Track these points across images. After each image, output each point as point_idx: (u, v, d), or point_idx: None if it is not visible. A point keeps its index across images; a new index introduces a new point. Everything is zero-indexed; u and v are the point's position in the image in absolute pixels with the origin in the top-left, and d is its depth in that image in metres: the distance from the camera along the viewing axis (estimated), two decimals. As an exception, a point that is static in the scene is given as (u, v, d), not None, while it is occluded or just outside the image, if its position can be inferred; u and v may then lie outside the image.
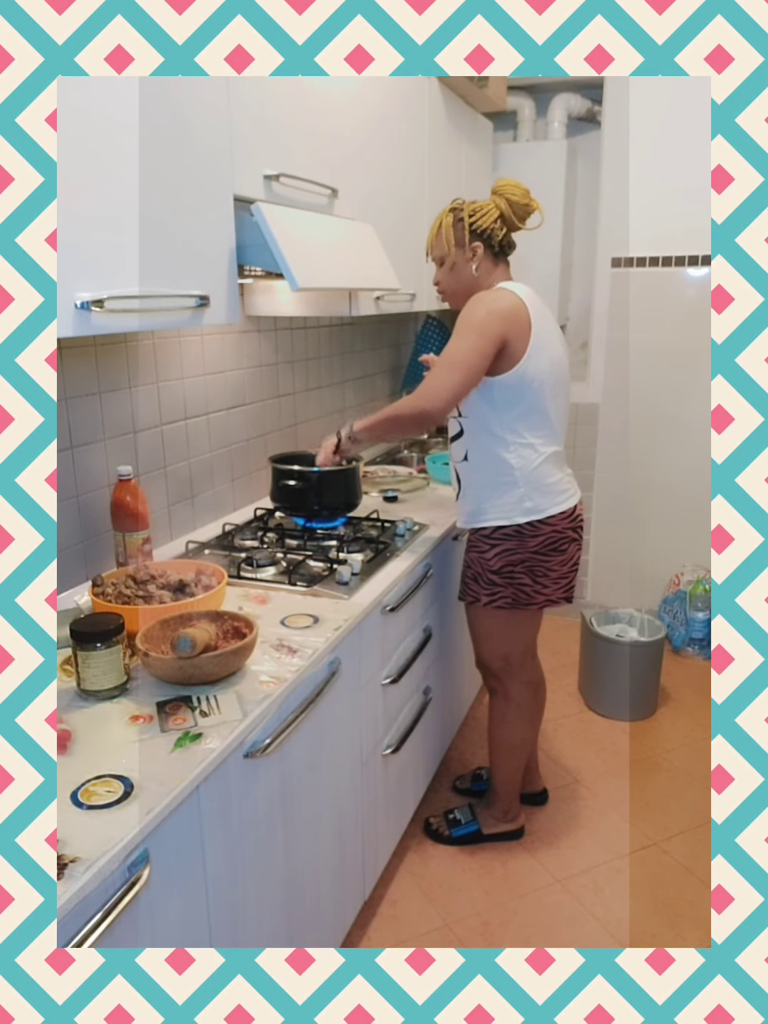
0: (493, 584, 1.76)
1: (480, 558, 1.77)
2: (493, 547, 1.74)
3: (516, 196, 1.66)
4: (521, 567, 1.74)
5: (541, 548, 1.73)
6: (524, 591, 1.75)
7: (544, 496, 1.70)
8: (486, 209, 1.67)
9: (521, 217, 1.69)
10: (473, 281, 1.71)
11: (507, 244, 1.72)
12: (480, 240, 1.68)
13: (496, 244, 1.69)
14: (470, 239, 1.67)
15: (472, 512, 1.77)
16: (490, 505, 1.73)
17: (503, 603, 1.77)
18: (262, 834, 1.21)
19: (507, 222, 1.68)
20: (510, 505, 1.71)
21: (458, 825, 2.03)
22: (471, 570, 1.80)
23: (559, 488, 1.73)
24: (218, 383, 1.97)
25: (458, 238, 1.68)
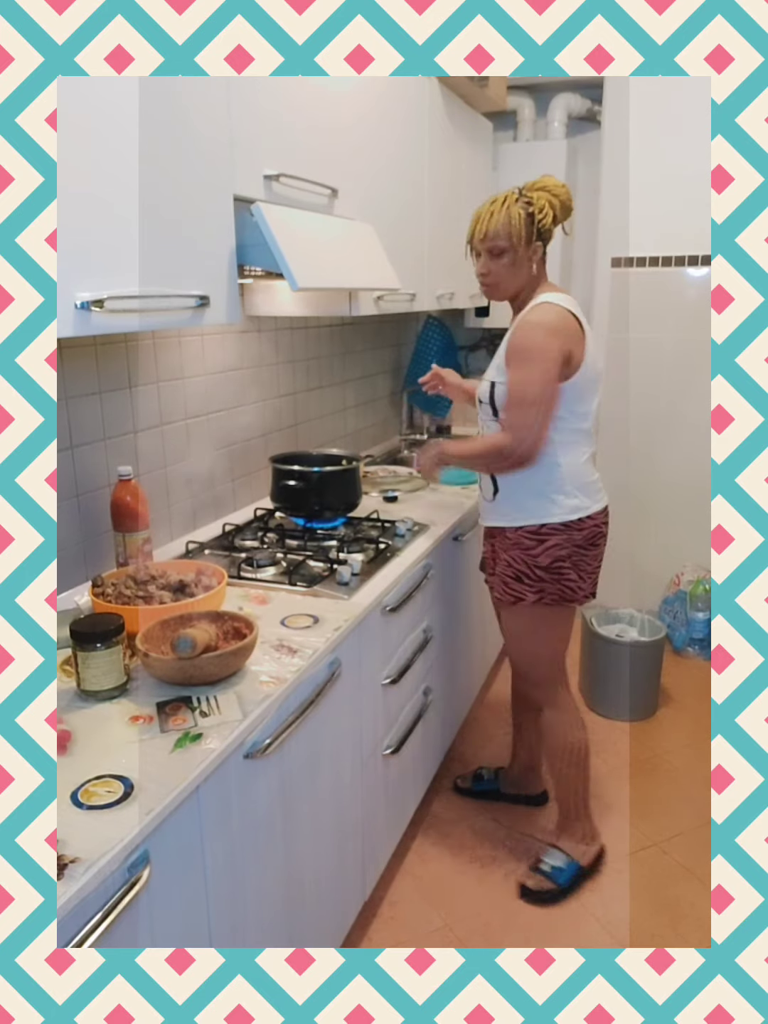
0: (540, 580, 1.73)
1: (525, 555, 1.73)
2: (541, 542, 1.72)
3: (564, 197, 1.63)
4: (568, 562, 1.72)
5: (584, 542, 1.73)
6: (569, 586, 1.74)
7: (587, 494, 1.72)
8: (545, 207, 1.62)
9: (562, 221, 1.66)
10: (528, 280, 1.68)
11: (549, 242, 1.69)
12: (541, 240, 1.64)
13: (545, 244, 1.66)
14: (536, 236, 1.63)
15: (514, 511, 1.74)
16: (536, 504, 1.71)
17: (550, 599, 1.74)
18: (262, 834, 1.21)
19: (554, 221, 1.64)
20: (558, 503, 1.70)
21: (560, 872, 1.87)
22: (512, 569, 1.75)
23: (597, 486, 1.75)
24: (218, 383, 1.97)
25: (528, 234, 1.62)
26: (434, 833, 2.07)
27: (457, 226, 2.66)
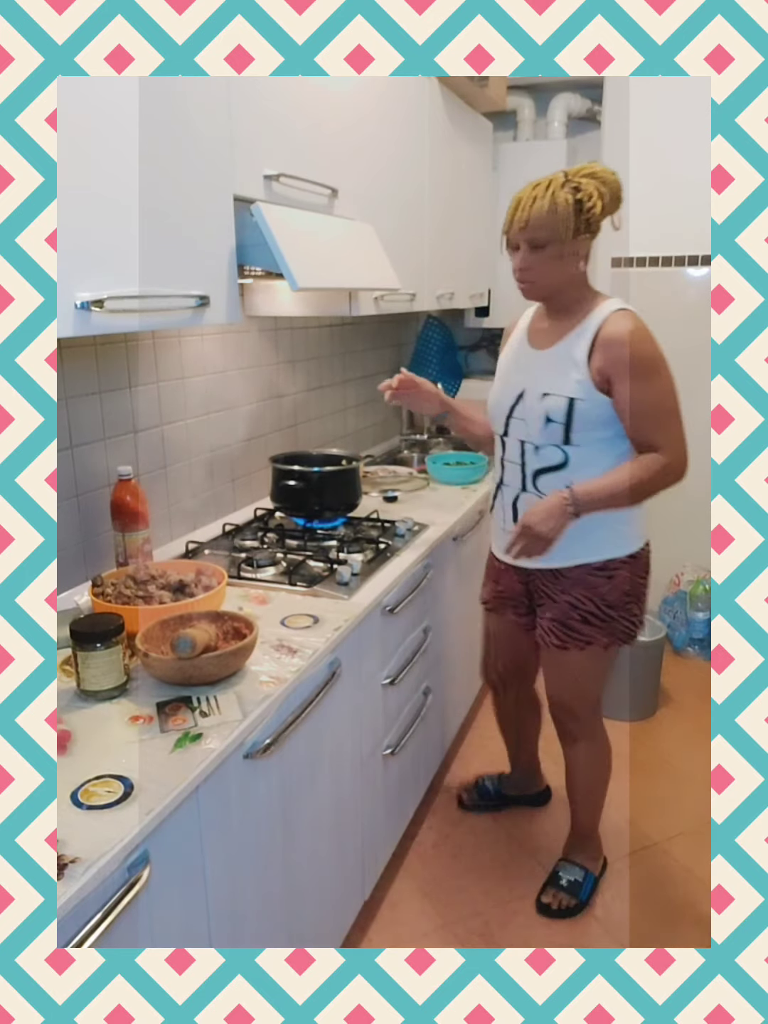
0: (610, 620, 1.59)
1: (592, 596, 1.58)
2: (610, 579, 1.57)
3: (615, 186, 1.45)
4: (633, 596, 1.61)
5: (643, 571, 1.62)
6: (635, 622, 1.62)
7: (640, 519, 1.61)
8: (594, 196, 1.42)
9: (611, 212, 1.48)
10: (573, 278, 1.50)
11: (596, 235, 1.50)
12: (590, 232, 1.46)
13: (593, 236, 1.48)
14: (585, 229, 1.44)
15: (575, 546, 1.56)
16: (603, 537, 1.56)
17: (621, 639, 1.61)
18: (262, 834, 1.21)
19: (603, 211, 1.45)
20: (623, 533, 1.57)
21: (579, 887, 1.83)
22: (579, 611, 1.60)
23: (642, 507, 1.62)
24: (218, 383, 1.97)
25: (575, 224, 1.43)
26: (434, 833, 2.07)
27: (457, 226, 2.66)
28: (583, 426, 1.50)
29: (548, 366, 1.54)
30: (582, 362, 1.49)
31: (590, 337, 1.49)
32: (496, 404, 1.66)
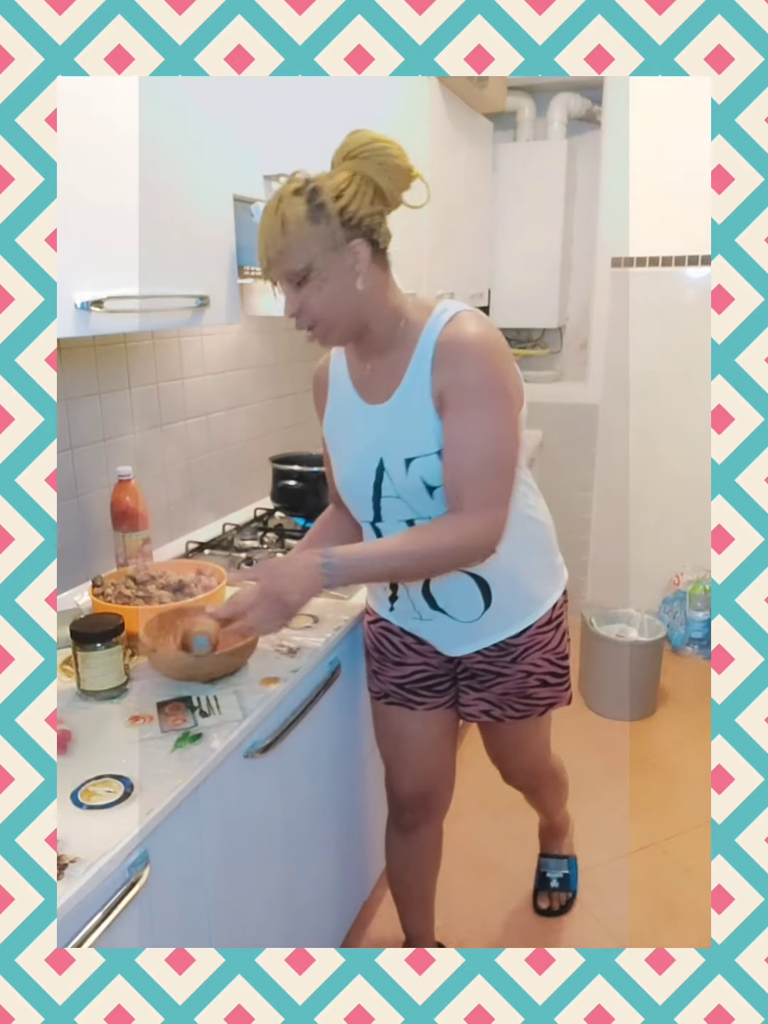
0: (567, 671, 1.37)
1: (549, 654, 1.33)
2: (557, 628, 1.33)
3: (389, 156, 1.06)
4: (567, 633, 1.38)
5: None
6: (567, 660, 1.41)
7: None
8: (354, 185, 1.05)
9: (401, 188, 1.09)
10: (360, 302, 1.10)
11: (387, 235, 1.11)
12: (361, 235, 1.06)
13: (379, 238, 1.09)
14: (345, 234, 1.05)
15: (520, 611, 1.29)
16: (541, 583, 1.31)
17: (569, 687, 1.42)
18: (262, 834, 1.21)
19: (384, 198, 1.08)
20: (556, 568, 1.34)
21: (568, 879, 1.82)
22: (535, 676, 1.33)
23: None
24: (218, 383, 1.97)
25: (324, 235, 1.05)
26: (434, 833, 2.07)
27: (457, 226, 2.66)
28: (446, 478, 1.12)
29: (396, 422, 1.15)
30: (429, 396, 1.11)
31: (430, 359, 1.11)
32: (351, 487, 1.25)
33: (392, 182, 1.07)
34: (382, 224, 1.09)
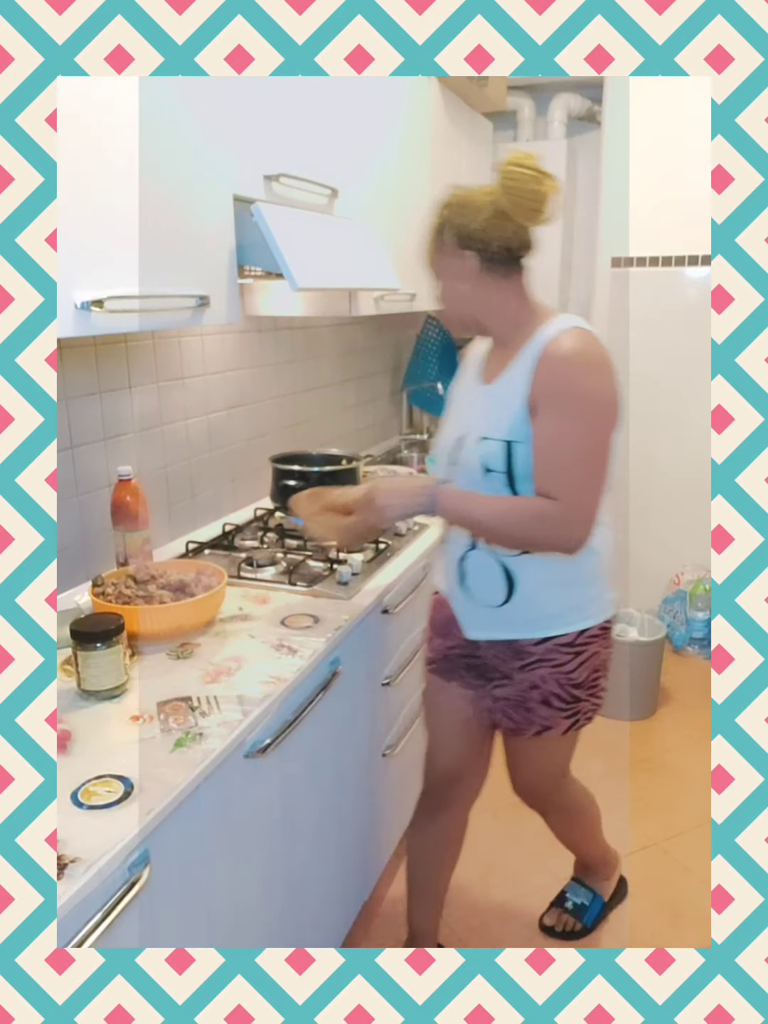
0: (576, 701, 1.35)
1: (556, 673, 1.33)
2: (577, 655, 1.33)
3: (519, 180, 1.17)
4: (603, 671, 1.39)
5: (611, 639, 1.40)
6: (600, 697, 1.40)
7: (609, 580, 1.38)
8: (479, 202, 1.22)
9: (528, 208, 1.19)
10: (467, 302, 1.28)
11: (517, 248, 1.24)
12: (472, 246, 1.23)
13: (497, 250, 1.23)
14: (459, 244, 1.24)
15: (542, 618, 1.32)
16: (572, 604, 1.32)
17: (584, 720, 1.39)
18: (262, 834, 1.21)
19: (508, 219, 1.21)
20: (592, 601, 1.34)
21: (584, 911, 1.75)
22: (539, 691, 1.34)
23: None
24: (218, 383, 1.97)
25: (442, 243, 1.26)
26: (434, 833, 2.07)
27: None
28: (528, 475, 1.22)
29: (491, 403, 1.28)
30: (522, 393, 1.22)
31: (534, 360, 1.21)
32: (438, 449, 1.39)
33: (513, 204, 1.19)
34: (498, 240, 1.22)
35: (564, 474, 1.18)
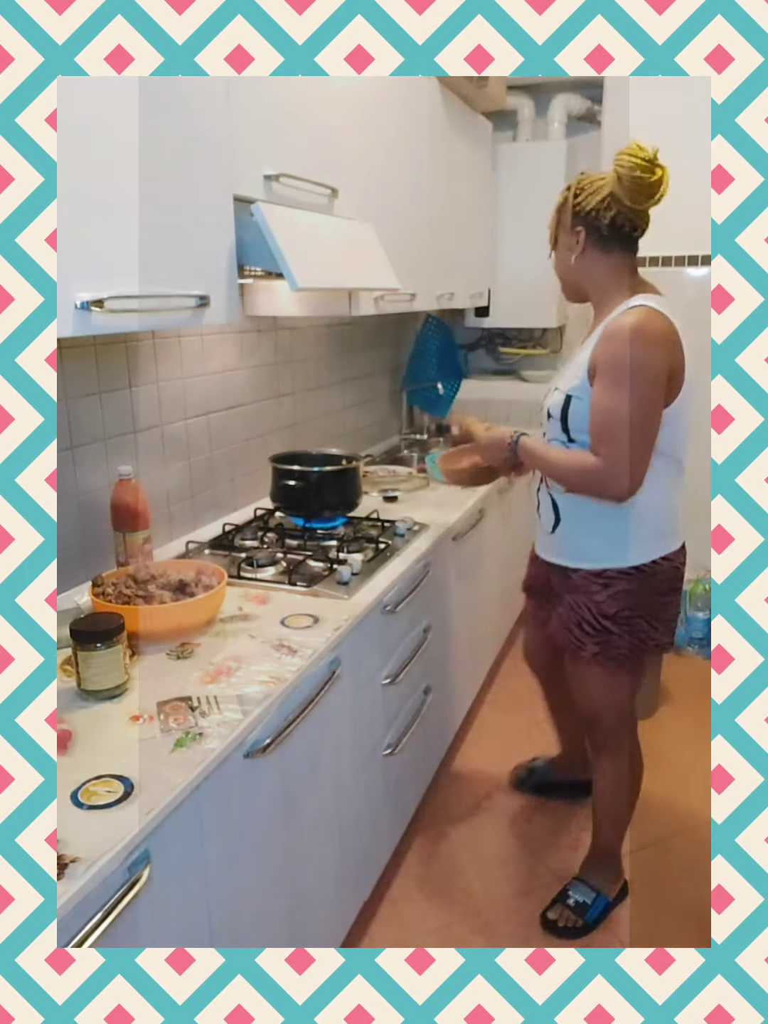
0: (606, 632, 1.52)
1: (588, 602, 1.52)
2: (605, 588, 1.51)
3: (629, 167, 1.36)
4: (639, 611, 1.52)
5: (662, 588, 1.53)
6: (640, 638, 1.53)
7: (664, 535, 1.54)
8: (596, 185, 1.42)
9: (638, 193, 1.38)
10: (572, 271, 1.52)
11: (625, 227, 1.43)
12: (583, 223, 1.45)
13: (604, 227, 1.43)
14: (573, 221, 1.46)
15: (577, 549, 1.55)
16: (604, 542, 1.51)
17: (615, 652, 1.54)
18: (262, 834, 1.21)
19: (618, 201, 1.40)
20: (626, 545, 1.49)
21: (587, 909, 1.76)
22: (575, 615, 1.56)
23: (676, 523, 1.58)
24: (218, 383, 1.97)
25: (562, 219, 1.50)
26: (434, 832, 2.07)
27: (457, 226, 2.66)
28: (579, 424, 1.46)
29: (572, 363, 1.55)
30: (587, 359, 1.44)
31: (601, 332, 1.44)
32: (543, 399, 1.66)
33: (625, 189, 1.38)
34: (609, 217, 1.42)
35: (607, 437, 1.38)
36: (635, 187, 1.38)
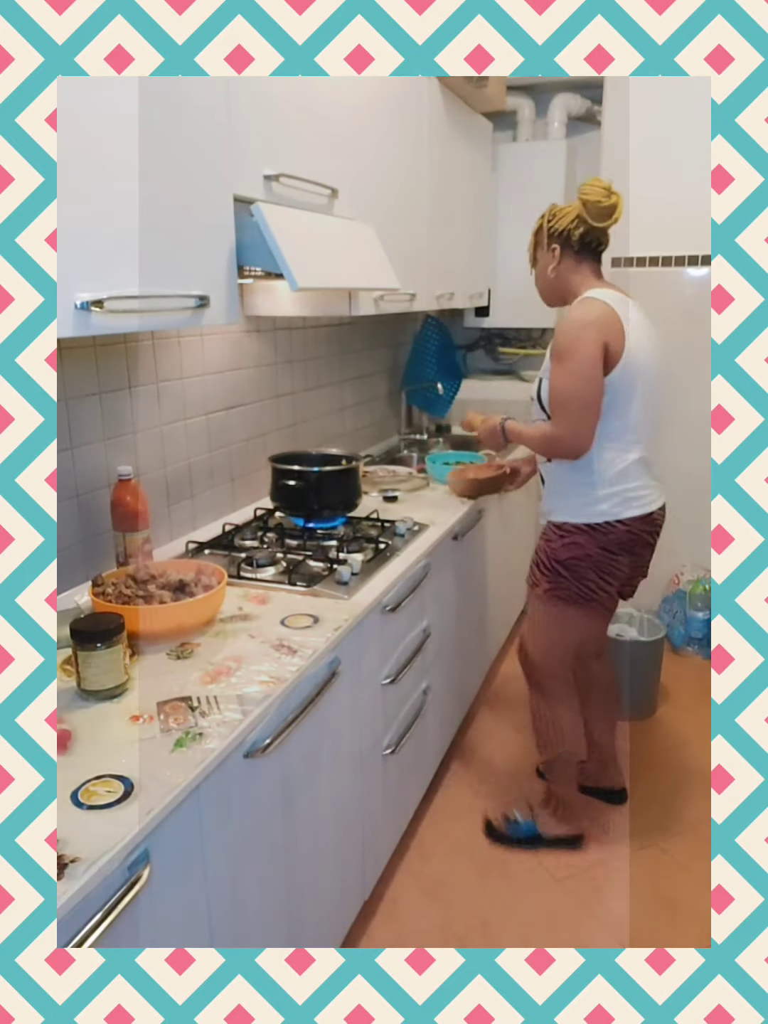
0: (556, 574, 1.81)
1: (548, 546, 1.84)
2: (562, 538, 1.80)
3: (591, 195, 1.71)
4: (588, 562, 1.78)
5: (612, 547, 1.77)
6: (588, 587, 1.80)
7: (621, 501, 1.75)
8: (565, 211, 1.76)
9: (599, 215, 1.72)
10: (552, 281, 1.81)
11: (591, 242, 1.76)
12: (558, 241, 1.77)
13: (575, 243, 1.75)
14: (548, 241, 1.78)
15: (550, 507, 1.86)
16: (566, 503, 1.81)
17: (563, 594, 1.82)
18: (262, 834, 1.21)
19: (584, 221, 1.73)
20: (585, 505, 1.77)
21: (516, 826, 2.00)
22: (538, 556, 1.88)
23: (638, 494, 1.77)
24: (218, 383, 1.97)
25: (539, 240, 1.81)
26: (434, 831, 2.07)
27: (457, 226, 2.66)
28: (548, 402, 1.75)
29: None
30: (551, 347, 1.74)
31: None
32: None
33: (589, 212, 1.72)
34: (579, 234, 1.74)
35: (556, 407, 1.70)
36: (597, 210, 1.71)
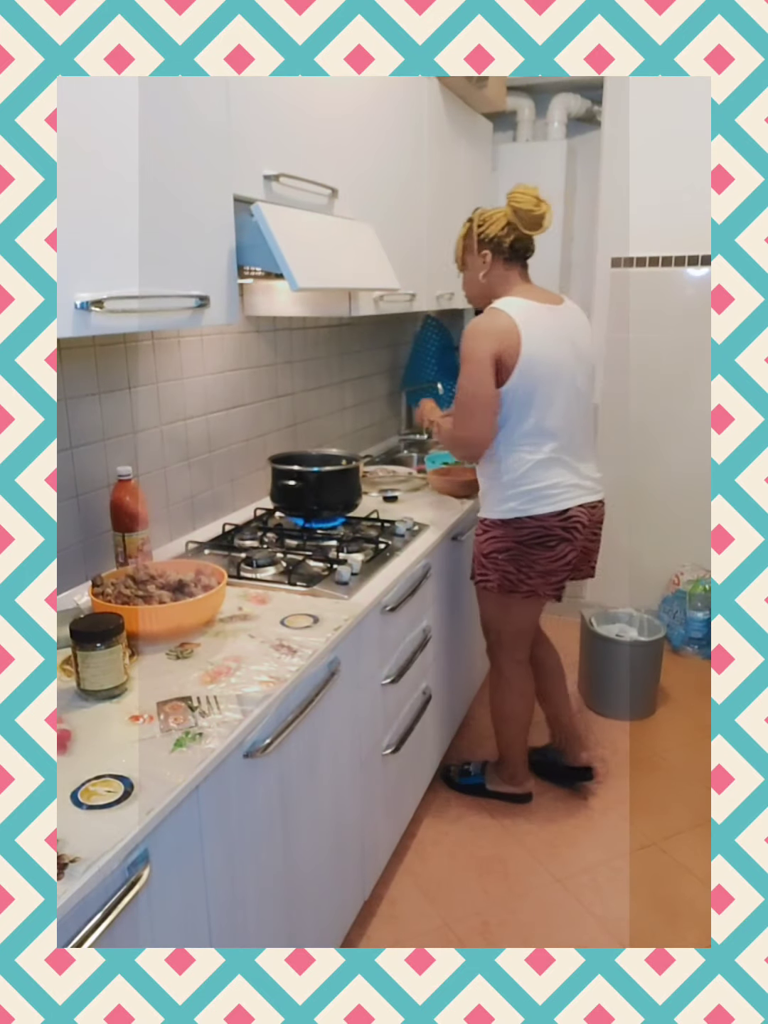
0: (483, 566, 1.93)
1: (476, 541, 1.96)
2: (485, 532, 1.91)
3: (522, 203, 1.73)
4: (505, 555, 1.87)
5: (526, 540, 1.84)
6: (508, 578, 1.89)
7: (530, 499, 1.82)
8: (495, 217, 1.78)
9: (530, 223, 1.75)
10: (482, 286, 1.85)
11: (520, 249, 1.80)
12: (489, 248, 1.79)
13: (506, 250, 1.79)
14: (479, 247, 1.80)
15: (480, 503, 1.97)
16: (486, 501, 1.92)
17: (489, 585, 1.93)
18: (262, 834, 1.21)
19: (515, 229, 1.76)
20: (499, 502, 1.86)
21: (467, 775, 2.23)
22: (474, 551, 1.99)
23: (548, 492, 1.82)
24: (218, 383, 1.97)
25: (468, 245, 1.83)
26: (433, 831, 2.07)
27: (457, 226, 2.66)
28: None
29: None
30: None
31: None
32: None
33: (520, 219, 1.75)
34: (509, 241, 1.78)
35: (456, 409, 1.80)
36: (529, 218, 1.74)
